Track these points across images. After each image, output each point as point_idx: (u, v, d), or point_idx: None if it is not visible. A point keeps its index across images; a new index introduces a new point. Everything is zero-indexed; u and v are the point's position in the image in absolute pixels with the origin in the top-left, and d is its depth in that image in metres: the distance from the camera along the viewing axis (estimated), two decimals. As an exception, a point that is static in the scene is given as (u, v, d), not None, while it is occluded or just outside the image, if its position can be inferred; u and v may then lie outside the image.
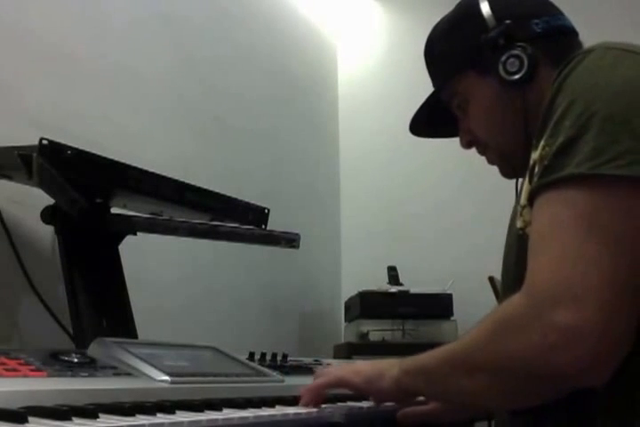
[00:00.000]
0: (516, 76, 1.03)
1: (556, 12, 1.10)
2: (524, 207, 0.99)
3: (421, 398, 1.06)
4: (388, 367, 0.97)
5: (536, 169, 0.84)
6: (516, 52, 1.03)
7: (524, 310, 0.77)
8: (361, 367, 1.03)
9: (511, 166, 1.12)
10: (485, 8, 1.08)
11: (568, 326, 0.72)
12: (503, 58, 1.04)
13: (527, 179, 0.91)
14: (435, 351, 0.92)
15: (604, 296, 0.73)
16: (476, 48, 1.07)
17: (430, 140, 1.34)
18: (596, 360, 0.73)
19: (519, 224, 1.00)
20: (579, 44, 1.09)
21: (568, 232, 0.76)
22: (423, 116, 1.24)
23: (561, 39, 1.07)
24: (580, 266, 0.74)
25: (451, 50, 1.15)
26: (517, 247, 1.00)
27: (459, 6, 1.16)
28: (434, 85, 1.20)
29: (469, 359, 0.84)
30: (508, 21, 1.05)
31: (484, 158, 1.18)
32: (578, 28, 1.12)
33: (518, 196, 1.04)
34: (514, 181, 1.08)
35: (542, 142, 0.84)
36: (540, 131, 0.86)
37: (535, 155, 0.85)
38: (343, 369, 1.06)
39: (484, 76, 1.08)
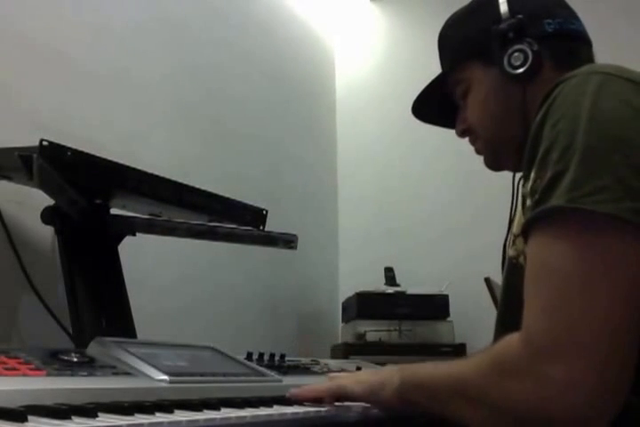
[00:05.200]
0: (519, 71, 1.03)
1: (572, 16, 1.10)
2: (516, 236, 1.00)
3: None
4: (389, 376, 0.97)
5: (528, 201, 0.83)
6: (522, 46, 1.03)
7: (520, 358, 0.77)
8: (362, 377, 1.02)
9: (496, 159, 1.14)
10: (502, 1, 1.08)
11: (567, 381, 0.73)
12: (509, 51, 1.04)
13: (520, 209, 0.91)
14: (434, 369, 0.92)
15: (600, 348, 0.73)
16: (485, 38, 1.08)
17: (429, 142, 1.35)
18: (592, 411, 0.74)
19: (511, 253, 1.00)
20: (588, 53, 1.09)
21: (556, 275, 0.76)
22: (426, 99, 1.24)
23: (571, 43, 1.07)
24: (573, 316, 0.74)
25: (462, 37, 1.16)
26: (508, 272, 1.01)
27: None
28: (442, 69, 1.20)
29: (469, 391, 0.84)
30: (520, 16, 1.06)
31: (481, 161, 1.19)
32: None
33: (511, 220, 1.05)
34: (510, 185, 1.09)
35: (533, 175, 0.83)
36: (528, 160, 0.85)
37: (527, 186, 0.85)
38: (345, 377, 1.05)
39: (489, 66, 1.08)
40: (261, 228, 1.61)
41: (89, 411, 0.70)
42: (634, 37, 2.48)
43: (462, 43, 1.15)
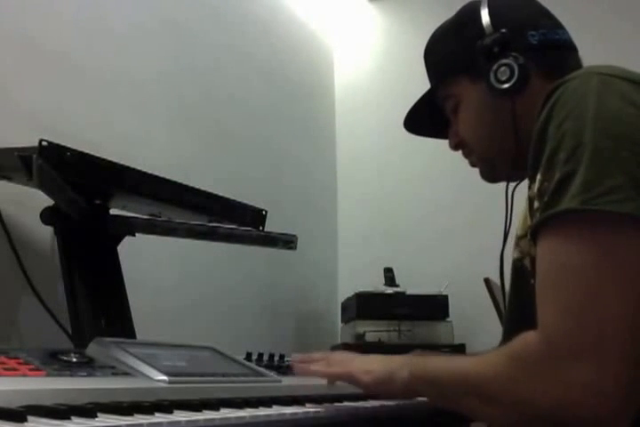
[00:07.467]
0: (506, 85, 1.03)
1: (556, 26, 1.10)
2: (520, 238, 1.00)
3: None
4: (398, 368, 0.97)
5: (535, 204, 0.83)
6: (507, 61, 1.03)
7: (541, 357, 0.77)
8: (372, 366, 1.02)
9: (492, 171, 1.15)
10: (485, 15, 1.09)
11: (588, 382, 0.73)
12: (495, 66, 1.04)
13: (527, 211, 0.92)
14: (446, 363, 0.92)
15: (619, 348, 0.73)
16: (470, 54, 1.08)
17: (428, 142, 1.36)
18: (618, 410, 0.74)
19: (515, 255, 1.01)
20: (575, 60, 1.10)
21: (574, 276, 0.76)
22: (417, 113, 1.25)
23: (556, 53, 1.07)
24: (591, 314, 0.74)
25: (447, 53, 1.16)
26: (513, 275, 1.01)
27: (461, 11, 1.17)
28: (430, 84, 1.22)
29: (485, 388, 0.83)
30: (504, 30, 1.06)
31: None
32: (575, 29, 1.13)
33: (507, 228, 1.06)
34: (511, 184, 1.09)
35: (539, 176, 0.83)
36: (533, 161, 0.85)
37: (533, 188, 0.85)
38: (355, 364, 1.04)
39: (477, 81, 1.09)
40: (261, 228, 1.61)
41: (88, 411, 0.70)
42: (634, 37, 2.48)
43: (448, 58, 1.16)
